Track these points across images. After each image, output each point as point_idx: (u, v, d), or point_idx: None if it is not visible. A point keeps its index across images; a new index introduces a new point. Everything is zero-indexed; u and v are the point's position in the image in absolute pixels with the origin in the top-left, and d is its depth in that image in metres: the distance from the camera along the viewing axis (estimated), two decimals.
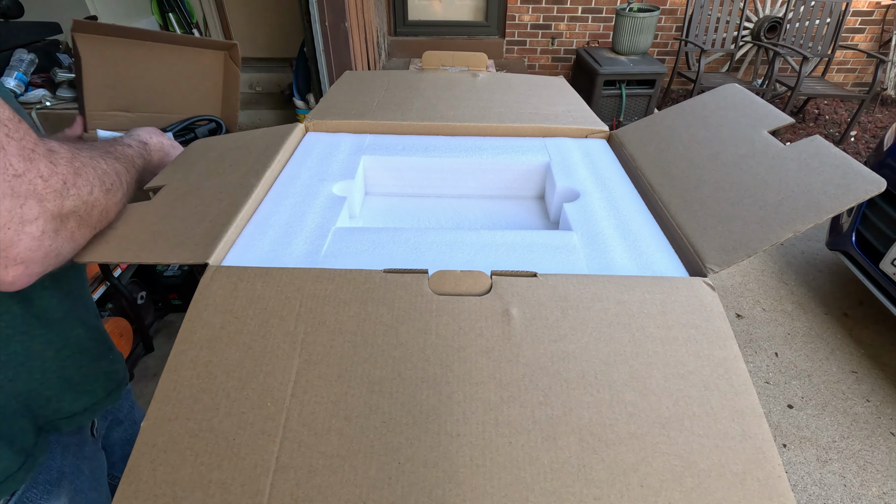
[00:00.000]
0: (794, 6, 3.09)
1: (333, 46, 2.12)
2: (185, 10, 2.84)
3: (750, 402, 0.30)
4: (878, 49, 3.46)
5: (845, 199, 0.37)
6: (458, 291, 0.36)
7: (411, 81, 0.77)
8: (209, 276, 0.36)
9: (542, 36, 3.48)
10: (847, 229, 1.69)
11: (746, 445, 0.28)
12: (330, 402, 0.29)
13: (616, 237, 0.44)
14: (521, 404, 0.29)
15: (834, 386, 1.55)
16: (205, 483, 0.26)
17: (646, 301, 0.35)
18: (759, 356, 1.65)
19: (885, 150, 1.62)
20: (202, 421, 0.28)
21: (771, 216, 0.39)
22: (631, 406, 0.29)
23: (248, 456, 0.27)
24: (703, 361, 0.32)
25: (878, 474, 1.31)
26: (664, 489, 0.26)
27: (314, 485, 0.26)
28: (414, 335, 0.33)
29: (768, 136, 0.46)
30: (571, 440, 0.28)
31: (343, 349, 0.32)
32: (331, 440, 0.28)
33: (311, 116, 0.64)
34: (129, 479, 0.26)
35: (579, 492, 0.26)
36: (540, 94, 0.74)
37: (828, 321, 1.79)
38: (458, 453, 0.27)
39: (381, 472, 0.27)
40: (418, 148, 0.59)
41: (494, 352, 0.32)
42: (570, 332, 0.33)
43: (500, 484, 0.26)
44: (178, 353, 0.32)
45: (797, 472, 1.31)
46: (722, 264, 0.38)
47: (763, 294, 1.92)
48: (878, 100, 3.54)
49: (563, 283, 0.36)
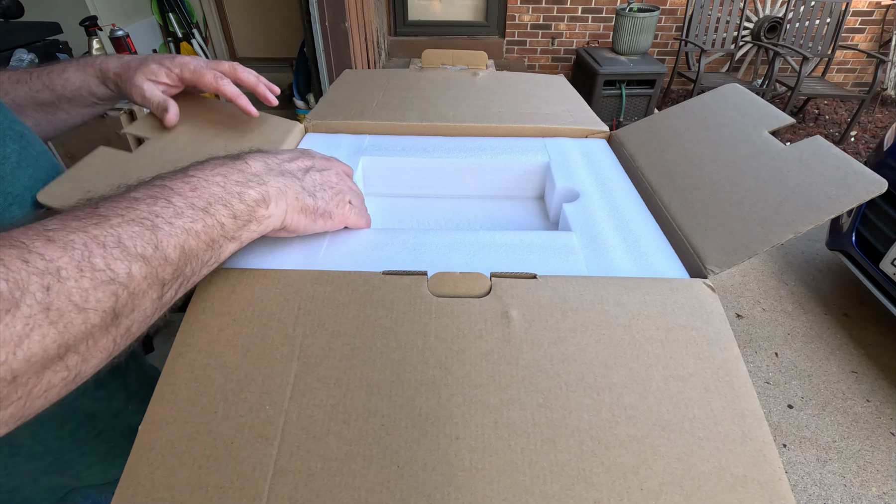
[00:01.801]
0: (794, 6, 3.09)
1: (333, 46, 2.12)
2: (185, 10, 2.84)
3: (750, 405, 0.30)
4: (878, 49, 3.45)
5: (846, 199, 0.37)
6: (458, 293, 0.35)
7: (411, 81, 0.76)
8: (207, 278, 0.36)
9: (542, 36, 3.48)
10: (847, 229, 1.69)
11: (747, 448, 0.28)
12: (328, 405, 0.29)
13: (616, 238, 0.44)
14: (520, 407, 0.29)
15: (834, 386, 1.55)
16: (203, 486, 0.26)
17: (646, 303, 0.35)
18: (759, 356, 1.65)
19: (885, 150, 1.62)
20: (200, 424, 0.28)
21: (771, 217, 0.39)
22: (631, 408, 0.29)
23: (246, 459, 0.27)
24: (704, 363, 0.32)
25: (878, 474, 1.31)
26: (664, 492, 0.26)
27: (312, 488, 0.26)
28: (413, 337, 0.32)
29: (769, 137, 0.46)
30: (571, 443, 0.28)
31: (342, 352, 0.32)
32: (329, 443, 0.27)
33: (310, 117, 0.64)
34: (127, 482, 0.26)
35: (579, 495, 0.26)
36: (540, 93, 0.74)
37: (828, 321, 1.79)
38: (457, 456, 0.27)
39: (379, 476, 0.26)
40: (417, 148, 0.59)
41: (494, 354, 0.32)
42: (569, 334, 0.33)
43: (499, 487, 0.26)
44: (176, 355, 0.31)
45: (797, 472, 1.31)
46: (722, 265, 0.38)
47: (763, 294, 1.92)
48: (878, 100, 3.54)
49: (562, 284, 0.36)
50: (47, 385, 0.22)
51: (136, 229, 0.25)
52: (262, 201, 0.32)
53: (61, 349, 0.21)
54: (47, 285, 0.20)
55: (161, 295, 0.26)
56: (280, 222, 0.34)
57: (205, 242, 0.28)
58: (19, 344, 0.19)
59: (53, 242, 0.22)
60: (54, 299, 0.21)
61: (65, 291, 0.21)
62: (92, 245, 0.23)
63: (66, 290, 0.21)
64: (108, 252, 0.23)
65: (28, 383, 0.21)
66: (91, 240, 0.23)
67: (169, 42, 2.90)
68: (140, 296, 0.24)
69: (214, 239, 0.29)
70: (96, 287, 0.22)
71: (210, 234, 0.28)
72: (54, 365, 0.21)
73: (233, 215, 0.30)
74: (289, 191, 0.34)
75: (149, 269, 0.25)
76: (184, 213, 0.27)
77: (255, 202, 0.31)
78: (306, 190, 0.36)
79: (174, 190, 0.28)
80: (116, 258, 0.23)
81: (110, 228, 0.24)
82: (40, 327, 0.20)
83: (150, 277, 0.25)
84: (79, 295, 0.21)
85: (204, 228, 0.28)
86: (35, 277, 0.20)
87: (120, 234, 0.24)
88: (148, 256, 0.25)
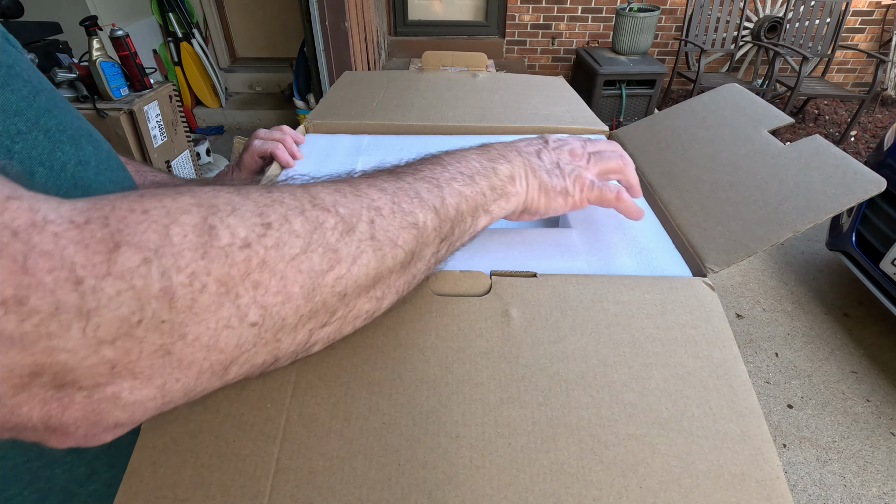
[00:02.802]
0: (794, 6, 3.09)
1: (333, 46, 2.12)
2: (185, 10, 2.84)
3: (749, 404, 0.30)
4: (878, 49, 3.46)
5: (845, 198, 0.37)
6: (458, 292, 0.36)
7: (411, 82, 0.77)
8: None
9: (542, 36, 3.48)
10: (847, 229, 1.69)
11: (745, 446, 0.28)
12: (329, 403, 0.29)
13: (616, 236, 0.44)
14: (520, 405, 0.29)
15: (834, 386, 1.55)
16: (205, 484, 0.26)
17: (645, 301, 0.35)
18: (759, 356, 1.65)
19: (885, 150, 1.62)
20: (202, 423, 0.28)
21: (771, 216, 0.39)
22: (630, 407, 0.29)
23: (248, 457, 0.27)
24: (703, 362, 0.32)
25: (878, 474, 1.31)
26: (663, 490, 0.26)
27: (314, 486, 0.26)
28: (413, 336, 0.33)
29: (768, 136, 0.46)
30: (570, 441, 0.28)
31: (342, 350, 0.32)
32: (330, 441, 0.28)
33: (310, 117, 0.64)
34: (131, 480, 0.26)
35: (578, 493, 0.26)
36: (540, 94, 0.74)
37: (828, 321, 1.79)
38: (457, 454, 0.27)
39: (380, 474, 0.27)
40: (416, 148, 0.59)
41: (494, 353, 0.32)
42: (569, 333, 0.33)
43: (499, 485, 0.26)
44: None
45: (797, 472, 1.31)
46: (722, 264, 0.38)
47: (763, 294, 1.92)
48: (878, 100, 3.54)
49: (562, 283, 0.36)
50: (358, 312, 0.25)
51: (427, 185, 0.28)
52: (511, 178, 0.34)
53: (374, 280, 0.24)
54: (372, 219, 0.24)
55: (436, 251, 0.29)
56: (522, 202, 0.35)
57: (472, 208, 0.31)
58: (353, 263, 0.23)
59: (373, 187, 0.26)
60: (377, 231, 0.24)
61: (384, 227, 0.24)
62: (399, 194, 0.27)
63: (384, 225, 0.24)
64: (411, 200, 0.27)
65: (350, 304, 0.24)
66: (398, 189, 0.27)
67: (169, 42, 2.90)
68: (426, 246, 0.27)
69: (477, 207, 0.31)
70: (403, 228, 0.25)
71: (476, 200, 0.31)
72: (367, 293, 0.25)
73: (491, 187, 0.32)
74: (528, 169, 0.35)
75: (437, 221, 0.28)
76: (457, 178, 0.30)
77: (506, 177, 0.34)
78: (543, 168, 0.36)
79: (444, 161, 0.32)
80: (416, 207, 0.27)
81: (409, 183, 0.28)
82: (366, 253, 0.23)
83: (436, 230, 0.28)
84: (393, 231, 0.25)
85: (472, 194, 0.31)
86: (365, 211, 0.24)
87: (417, 188, 0.28)
88: (437, 209, 0.28)
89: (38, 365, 0.15)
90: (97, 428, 0.18)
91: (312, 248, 0.21)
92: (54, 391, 0.16)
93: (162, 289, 0.16)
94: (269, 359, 0.22)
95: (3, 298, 0.14)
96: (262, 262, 0.19)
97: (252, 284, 0.19)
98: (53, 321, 0.15)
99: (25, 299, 0.14)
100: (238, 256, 0.19)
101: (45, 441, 0.18)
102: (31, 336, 0.14)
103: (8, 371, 0.15)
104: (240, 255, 0.19)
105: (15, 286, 0.14)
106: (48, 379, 0.15)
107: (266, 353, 0.22)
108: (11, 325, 0.14)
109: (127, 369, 0.17)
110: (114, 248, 0.16)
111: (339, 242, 0.22)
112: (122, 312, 0.16)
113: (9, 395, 0.15)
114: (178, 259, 0.17)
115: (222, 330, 0.19)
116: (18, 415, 0.16)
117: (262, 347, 0.21)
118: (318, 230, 0.22)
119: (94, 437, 0.19)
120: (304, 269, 0.21)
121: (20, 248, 0.14)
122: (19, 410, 0.16)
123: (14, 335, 0.14)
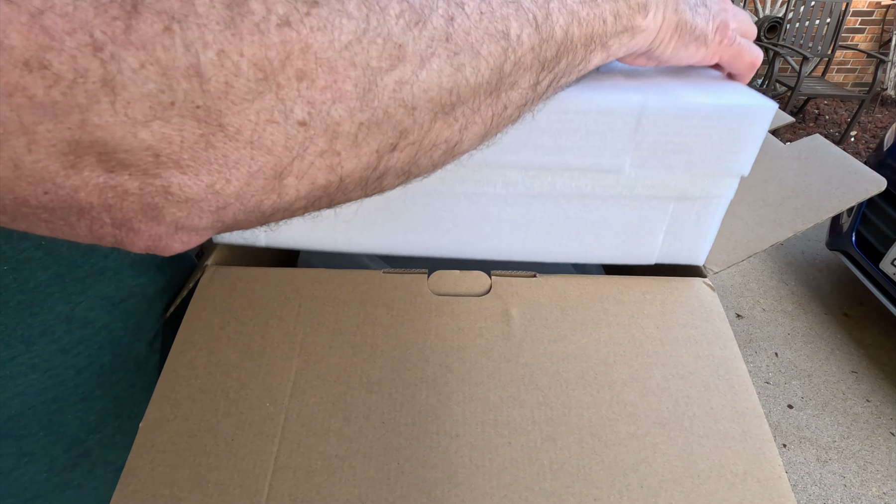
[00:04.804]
0: (794, 6, 3.09)
1: None
2: None
3: (750, 403, 0.30)
4: (878, 49, 3.46)
5: (846, 198, 0.37)
6: (458, 292, 0.36)
7: None
8: (208, 277, 0.36)
9: None
10: (847, 229, 1.69)
11: (746, 446, 0.28)
12: (329, 402, 0.29)
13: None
14: (520, 405, 0.29)
15: (834, 386, 1.55)
16: (203, 483, 0.26)
17: (645, 301, 0.35)
18: (759, 356, 1.65)
19: (885, 150, 1.62)
20: (201, 421, 0.28)
21: (771, 216, 0.39)
22: (630, 406, 0.29)
23: (246, 456, 0.27)
24: (703, 362, 0.32)
25: (878, 474, 1.31)
26: (664, 489, 0.26)
27: (313, 485, 0.26)
28: (413, 335, 0.33)
29: (768, 136, 0.46)
30: (571, 440, 0.28)
31: (342, 350, 0.32)
32: (330, 441, 0.28)
33: None
34: (128, 479, 0.26)
35: (579, 492, 0.26)
36: None
37: (828, 321, 1.79)
38: (457, 453, 0.27)
39: (380, 473, 0.27)
40: None
41: (494, 352, 0.32)
42: (569, 333, 0.33)
43: (499, 484, 0.26)
44: (177, 353, 0.31)
45: (797, 472, 1.31)
46: (721, 264, 0.38)
47: (763, 294, 1.92)
48: (878, 100, 3.54)
49: (562, 283, 0.36)
50: (434, 139, 0.21)
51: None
52: (643, 7, 0.27)
53: (452, 96, 0.20)
54: (451, 15, 0.19)
55: (536, 82, 0.24)
56: (649, 41, 0.28)
57: (585, 36, 0.25)
58: (421, 66, 0.19)
59: None
60: (454, 31, 0.19)
61: (464, 28, 0.20)
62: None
63: (465, 27, 0.20)
64: (505, 2, 0.21)
65: (422, 123, 0.20)
66: None
67: None
68: (520, 70, 0.22)
69: (592, 36, 0.25)
70: (490, 37, 0.20)
71: (591, 26, 0.25)
72: (444, 115, 0.20)
73: (615, 13, 0.26)
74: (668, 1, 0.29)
75: (536, 39, 0.22)
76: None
77: (637, 5, 0.27)
78: (687, 2, 0.30)
79: None
80: (511, 12, 0.21)
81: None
82: (439, 57, 0.19)
83: (535, 50, 0.22)
84: (476, 36, 0.20)
85: (587, 18, 0.24)
86: (442, 2, 0.19)
87: None
88: (539, 23, 0.22)
89: (76, 141, 0.14)
90: (159, 224, 0.17)
91: (370, 38, 0.17)
92: (105, 175, 0.15)
93: (190, 65, 0.15)
94: (333, 179, 0.19)
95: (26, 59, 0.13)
96: (305, 47, 0.16)
97: (295, 74, 0.16)
98: (80, 90, 0.14)
99: (48, 63, 0.13)
100: (275, 37, 0.16)
101: (120, 241, 0.17)
102: (62, 106, 0.13)
103: (48, 144, 0.14)
104: (277, 36, 0.16)
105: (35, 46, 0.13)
106: (94, 159, 0.15)
107: (326, 170, 0.19)
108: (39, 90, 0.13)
109: (171, 160, 0.16)
110: (132, 10, 0.14)
111: (405, 36, 0.18)
112: (149, 89, 0.14)
113: (61, 174, 0.15)
114: (204, 32, 0.15)
115: (265, 125, 0.16)
116: (79, 200, 0.16)
117: (319, 159, 0.18)
118: (378, 15, 0.18)
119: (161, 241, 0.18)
120: (358, 63, 0.17)
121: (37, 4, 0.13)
122: (78, 195, 0.15)
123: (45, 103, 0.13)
